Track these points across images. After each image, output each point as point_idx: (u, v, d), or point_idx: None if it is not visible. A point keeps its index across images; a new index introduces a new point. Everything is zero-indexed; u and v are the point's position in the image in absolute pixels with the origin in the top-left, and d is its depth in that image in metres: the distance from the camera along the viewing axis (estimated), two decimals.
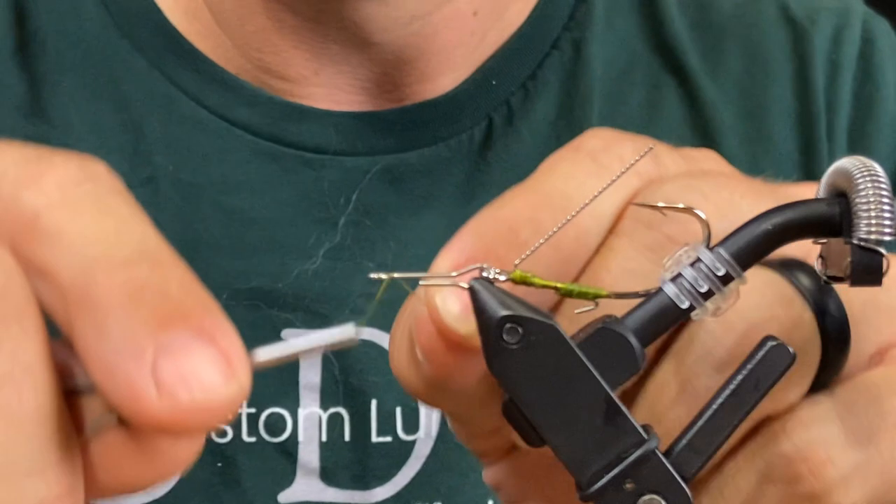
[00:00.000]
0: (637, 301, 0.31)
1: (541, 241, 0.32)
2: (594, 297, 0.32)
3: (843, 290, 0.33)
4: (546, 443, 0.30)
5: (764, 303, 0.32)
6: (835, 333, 0.33)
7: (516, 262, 0.31)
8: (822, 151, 0.63)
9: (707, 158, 0.36)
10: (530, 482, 0.36)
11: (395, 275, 0.31)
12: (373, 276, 0.32)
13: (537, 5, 0.62)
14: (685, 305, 0.31)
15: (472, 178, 0.60)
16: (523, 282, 0.31)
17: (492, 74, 0.61)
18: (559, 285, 0.32)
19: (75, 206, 0.26)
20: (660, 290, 0.31)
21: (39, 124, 0.59)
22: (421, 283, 0.31)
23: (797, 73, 0.64)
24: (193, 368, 0.24)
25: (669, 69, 0.63)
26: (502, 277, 0.31)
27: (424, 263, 0.32)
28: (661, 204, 0.32)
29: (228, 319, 0.25)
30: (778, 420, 0.33)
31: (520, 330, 0.30)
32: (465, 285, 0.30)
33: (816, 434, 0.33)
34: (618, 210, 0.33)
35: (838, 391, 0.33)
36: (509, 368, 0.30)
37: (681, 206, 0.32)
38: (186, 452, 0.26)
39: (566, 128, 0.61)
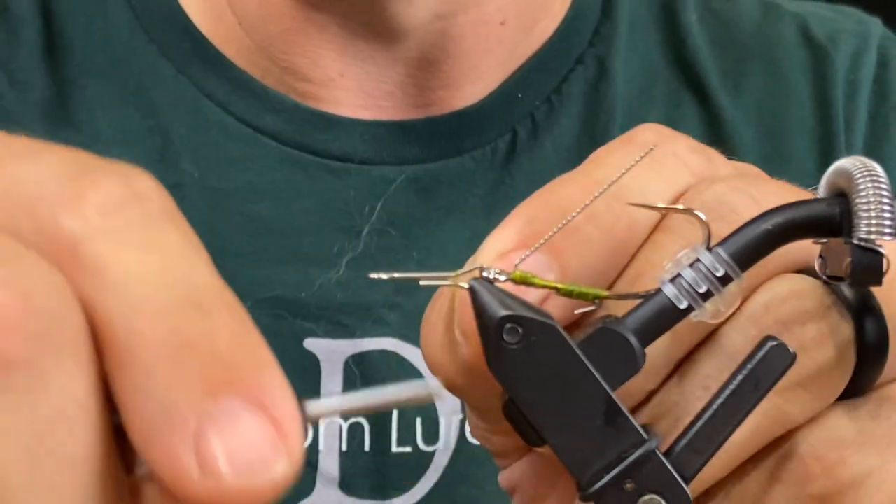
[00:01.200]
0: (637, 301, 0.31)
1: (541, 241, 0.32)
2: (594, 298, 0.32)
3: (887, 302, 0.33)
4: (546, 443, 0.30)
5: (802, 309, 0.32)
6: (872, 345, 0.33)
7: (517, 262, 0.31)
8: None
9: (756, 171, 0.37)
10: (547, 483, 0.35)
11: (396, 275, 0.32)
12: (372, 276, 0.32)
13: (564, 21, 0.63)
14: (683, 306, 0.31)
15: (495, 189, 0.60)
16: (523, 282, 0.31)
17: (518, 87, 0.61)
18: (560, 286, 0.32)
19: (118, 236, 0.23)
20: (659, 290, 0.31)
21: (65, 129, 0.59)
22: (421, 283, 0.31)
23: (817, 94, 0.64)
24: (241, 444, 0.22)
25: (689, 87, 0.64)
26: (502, 277, 0.31)
27: None
28: (660, 205, 0.32)
29: (282, 379, 0.23)
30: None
31: (520, 330, 0.30)
32: (466, 285, 0.30)
33: (832, 434, 0.32)
34: (669, 203, 0.33)
35: (863, 398, 0.33)
36: (509, 368, 0.30)
37: (680, 207, 0.32)
38: None
39: (589, 142, 0.61)
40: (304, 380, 0.58)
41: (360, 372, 0.58)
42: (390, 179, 0.59)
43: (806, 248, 0.33)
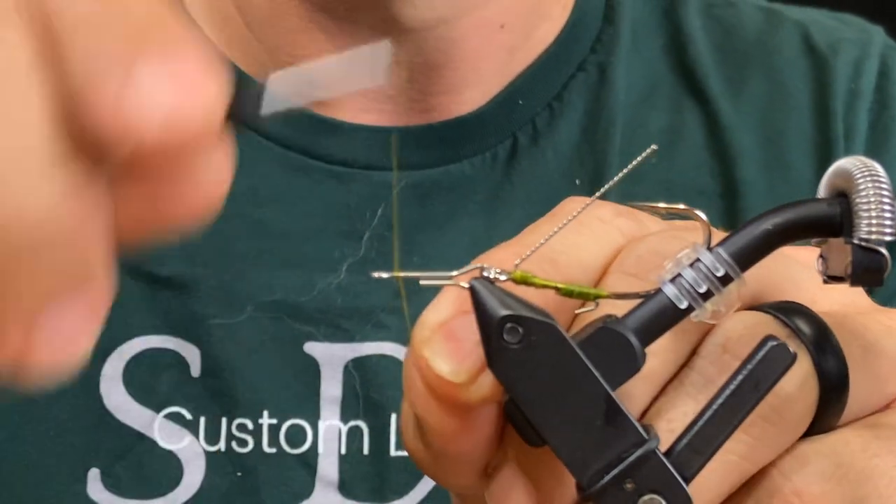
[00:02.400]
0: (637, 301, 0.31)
1: (540, 242, 0.32)
2: (595, 298, 0.32)
3: (842, 336, 0.33)
4: (546, 442, 0.30)
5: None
6: (832, 378, 0.33)
7: (516, 262, 0.32)
8: None
9: (691, 224, 0.36)
10: None
11: (400, 274, 0.32)
12: (375, 274, 0.32)
13: (566, 26, 0.63)
14: (683, 305, 0.31)
15: (495, 195, 0.61)
16: (524, 282, 0.31)
17: (518, 94, 0.62)
18: (560, 286, 0.32)
19: None
20: (659, 290, 0.31)
21: None
22: (422, 282, 0.31)
23: (817, 102, 0.64)
24: (161, 87, 0.23)
25: (691, 92, 0.64)
26: (503, 277, 0.31)
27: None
28: (661, 204, 0.32)
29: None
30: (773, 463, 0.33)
31: (520, 329, 0.30)
32: (466, 285, 0.30)
33: (812, 469, 0.32)
34: (604, 263, 0.33)
35: (837, 431, 0.33)
36: (509, 368, 0.30)
37: (681, 206, 0.32)
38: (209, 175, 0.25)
39: (589, 149, 0.61)
40: (304, 383, 0.58)
41: (360, 376, 0.58)
42: (391, 185, 0.60)
43: (760, 281, 0.33)
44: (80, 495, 0.56)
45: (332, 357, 0.58)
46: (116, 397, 0.57)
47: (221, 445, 0.57)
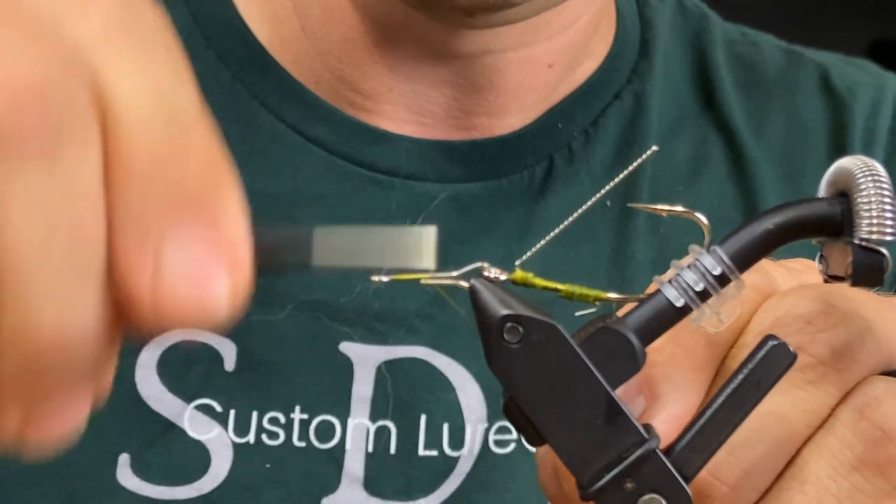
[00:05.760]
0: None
1: (542, 241, 0.32)
2: (595, 300, 0.32)
3: None
4: (546, 442, 0.30)
5: None
6: None
7: (517, 262, 0.32)
8: None
9: (807, 268, 0.37)
10: None
11: (397, 277, 0.32)
12: (374, 278, 0.32)
13: (605, 60, 0.65)
14: (680, 304, 0.31)
15: (530, 213, 0.62)
16: (524, 282, 0.31)
17: (558, 118, 0.63)
18: (560, 287, 0.32)
19: (116, 47, 0.25)
20: (658, 291, 0.31)
21: None
22: (422, 282, 0.31)
23: (834, 142, 0.67)
24: (190, 261, 0.25)
25: (716, 126, 0.66)
26: (503, 277, 0.31)
27: None
28: (661, 206, 0.33)
29: (239, 205, 0.26)
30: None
31: (520, 329, 0.30)
32: (467, 284, 0.30)
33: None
34: (744, 320, 0.34)
35: None
36: (510, 367, 0.30)
37: (681, 209, 0.32)
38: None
39: (621, 172, 0.63)
40: (337, 381, 0.59)
41: (392, 377, 0.59)
42: (432, 196, 0.61)
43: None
44: (109, 480, 0.57)
45: (366, 358, 0.59)
46: (150, 386, 0.58)
47: (251, 437, 0.58)
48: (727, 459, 0.32)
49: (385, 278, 0.32)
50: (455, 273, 0.31)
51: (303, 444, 0.58)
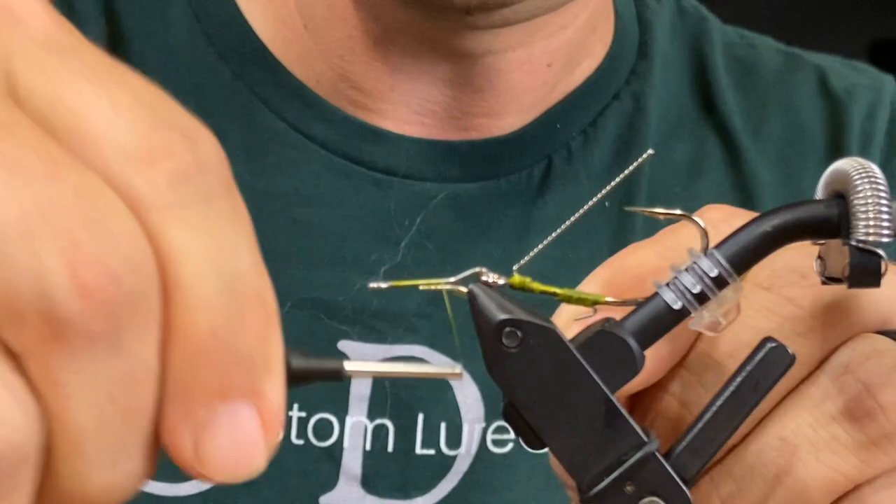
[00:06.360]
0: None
1: (540, 245, 0.32)
2: (593, 304, 0.32)
3: None
4: (546, 446, 0.30)
5: (883, 369, 0.33)
6: None
7: (515, 267, 0.32)
8: None
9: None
10: None
11: (395, 283, 0.32)
12: (372, 285, 0.32)
13: (604, 60, 0.65)
14: (678, 306, 0.31)
15: (529, 213, 0.62)
16: (522, 287, 0.31)
17: (556, 119, 0.64)
18: (558, 291, 0.32)
19: (182, 212, 0.24)
20: (656, 294, 0.31)
21: None
22: (421, 287, 0.32)
23: (832, 143, 0.67)
24: (233, 443, 0.25)
25: (714, 127, 0.67)
26: (501, 282, 0.31)
27: None
28: (658, 209, 0.33)
29: (282, 382, 0.26)
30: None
31: (519, 333, 0.30)
32: (465, 289, 0.30)
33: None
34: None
35: None
36: (509, 372, 0.30)
37: (678, 212, 0.32)
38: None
39: (620, 172, 0.63)
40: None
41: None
42: (431, 195, 0.61)
43: (890, 308, 0.34)
44: None
45: (364, 356, 0.59)
46: None
47: None
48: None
49: (384, 284, 0.32)
50: (453, 278, 0.31)
51: (301, 442, 0.59)
